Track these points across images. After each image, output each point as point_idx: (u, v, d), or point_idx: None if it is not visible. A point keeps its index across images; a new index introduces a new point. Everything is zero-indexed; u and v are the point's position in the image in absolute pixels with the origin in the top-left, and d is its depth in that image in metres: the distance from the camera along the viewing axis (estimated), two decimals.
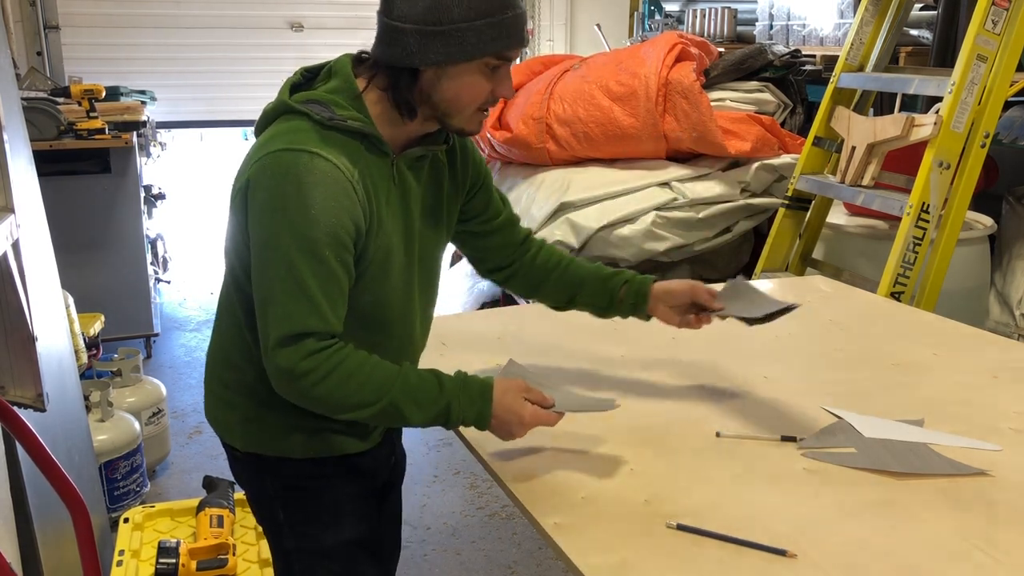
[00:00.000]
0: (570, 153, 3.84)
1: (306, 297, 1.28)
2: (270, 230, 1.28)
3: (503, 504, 3.02)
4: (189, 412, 3.76)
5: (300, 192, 1.26)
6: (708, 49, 3.94)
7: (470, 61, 1.31)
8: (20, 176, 1.93)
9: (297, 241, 1.27)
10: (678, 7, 5.96)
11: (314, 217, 1.26)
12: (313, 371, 1.29)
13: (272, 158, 1.29)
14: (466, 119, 1.37)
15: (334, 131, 1.32)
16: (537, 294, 1.69)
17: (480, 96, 1.35)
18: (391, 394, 1.32)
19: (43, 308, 2.03)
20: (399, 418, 1.34)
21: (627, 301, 1.63)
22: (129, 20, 5.58)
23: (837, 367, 1.82)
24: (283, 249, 1.27)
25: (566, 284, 1.65)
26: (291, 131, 1.32)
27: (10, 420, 1.68)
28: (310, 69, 1.43)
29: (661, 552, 1.18)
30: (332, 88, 1.36)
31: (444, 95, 1.33)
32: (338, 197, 1.28)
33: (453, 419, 1.36)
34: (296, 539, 1.53)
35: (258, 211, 1.29)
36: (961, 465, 1.39)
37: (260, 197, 1.29)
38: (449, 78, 1.32)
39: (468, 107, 1.35)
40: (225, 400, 1.50)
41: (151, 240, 4.51)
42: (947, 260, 2.77)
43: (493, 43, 1.30)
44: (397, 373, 1.34)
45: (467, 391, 1.36)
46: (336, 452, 1.49)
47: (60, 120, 3.83)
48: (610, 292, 1.63)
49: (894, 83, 3.12)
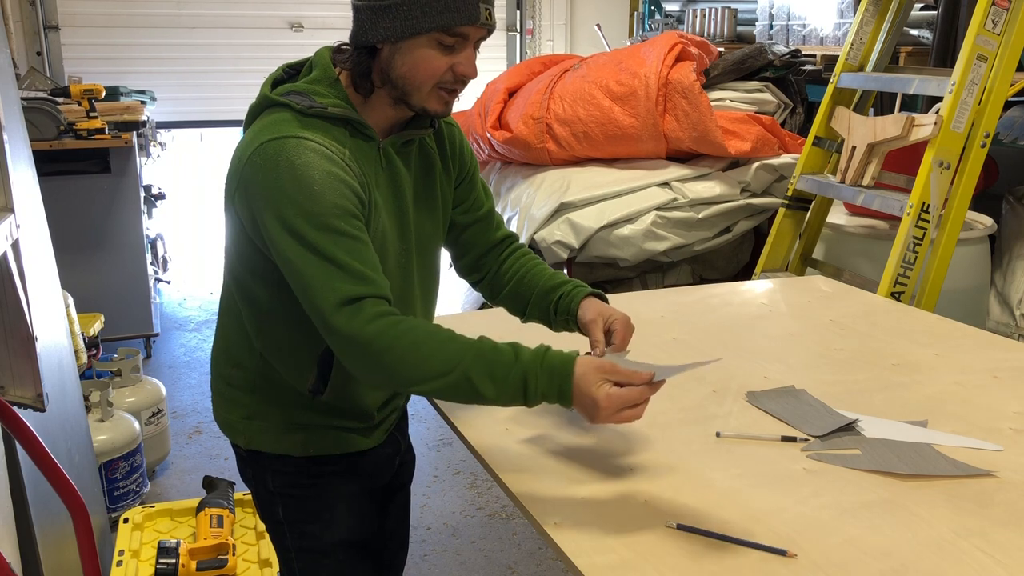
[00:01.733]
0: (570, 153, 3.84)
1: (342, 269, 1.24)
2: (279, 221, 1.26)
3: (503, 504, 3.02)
4: (189, 412, 3.76)
5: (295, 174, 1.26)
6: (708, 49, 3.94)
7: (417, 36, 1.29)
8: (20, 176, 1.93)
9: (308, 221, 1.24)
10: (678, 7, 5.96)
11: (317, 193, 1.25)
12: (383, 334, 1.23)
13: (260, 151, 1.28)
14: (425, 96, 1.34)
15: (316, 119, 1.33)
16: (496, 302, 1.63)
17: (434, 72, 1.32)
18: (464, 363, 1.24)
19: (43, 308, 2.03)
20: (472, 392, 1.25)
21: (560, 317, 1.52)
22: (129, 20, 5.58)
23: (837, 367, 1.82)
24: (299, 234, 1.25)
25: (519, 296, 1.58)
26: (274, 123, 1.32)
27: (10, 420, 1.68)
28: (292, 65, 1.44)
29: (661, 552, 1.17)
30: (312, 78, 1.37)
31: (399, 71, 1.33)
32: (334, 171, 1.28)
33: (531, 394, 1.25)
34: (296, 538, 1.53)
35: (262, 207, 1.27)
36: (965, 466, 1.39)
37: (260, 193, 1.28)
38: (401, 54, 1.31)
39: (424, 84, 1.33)
40: (228, 398, 1.51)
41: (151, 240, 4.51)
42: (947, 260, 2.77)
43: (439, 16, 1.28)
44: (472, 343, 1.27)
45: (546, 364, 1.25)
46: (337, 451, 1.49)
47: (60, 120, 3.83)
48: (547, 306, 1.54)
49: (894, 83, 3.12)
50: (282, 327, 1.41)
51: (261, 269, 1.37)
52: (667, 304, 2.21)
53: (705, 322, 2.10)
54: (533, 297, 1.56)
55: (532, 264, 1.60)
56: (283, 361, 1.43)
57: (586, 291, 1.52)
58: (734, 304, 2.26)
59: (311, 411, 1.45)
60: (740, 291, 2.41)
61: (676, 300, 2.27)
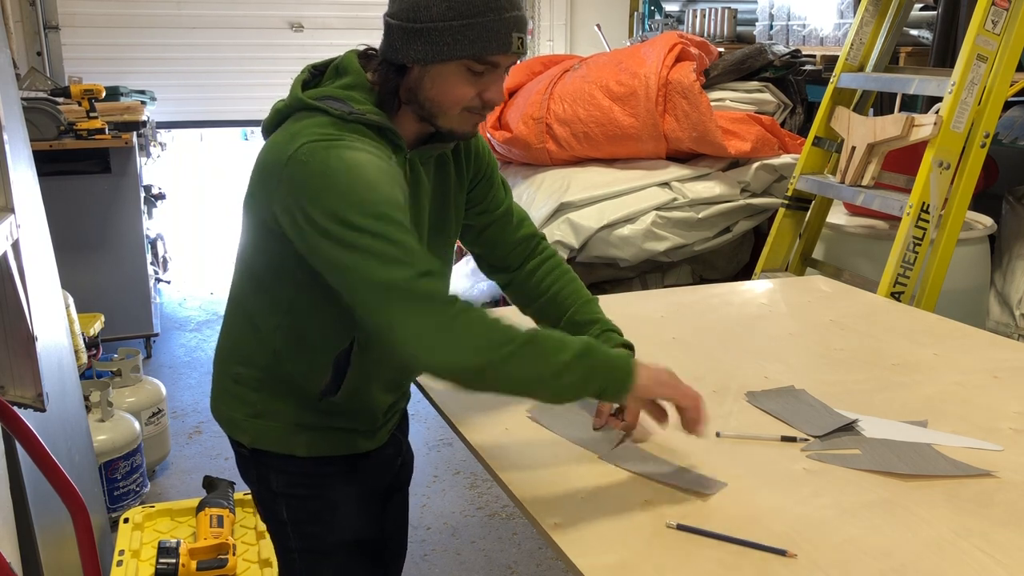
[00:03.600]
0: (570, 153, 3.84)
1: (408, 250, 1.22)
2: (332, 218, 1.21)
3: (503, 504, 3.02)
4: (189, 412, 3.76)
5: (346, 169, 1.23)
6: (708, 49, 3.94)
7: (447, 62, 1.30)
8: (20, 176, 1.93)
9: (360, 212, 1.21)
10: (678, 7, 5.96)
11: (371, 184, 1.23)
12: (457, 301, 1.23)
13: (306, 150, 1.25)
14: (452, 120, 1.35)
15: (354, 125, 1.32)
16: (527, 312, 1.63)
17: (461, 99, 1.32)
18: (529, 333, 1.25)
19: (43, 308, 2.03)
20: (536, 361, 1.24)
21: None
22: (129, 20, 5.58)
23: (837, 367, 1.82)
24: (352, 226, 1.21)
25: (549, 315, 1.59)
26: (313, 126, 1.30)
27: (10, 420, 1.68)
28: (317, 66, 1.43)
29: (661, 552, 1.17)
30: (346, 84, 1.36)
31: (427, 94, 1.33)
32: (384, 168, 1.27)
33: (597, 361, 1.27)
34: (299, 538, 1.53)
35: (309, 204, 1.23)
36: (966, 466, 1.39)
37: (306, 192, 1.23)
38: (431, 77, 1.32)
39: (451, 108, 1.33)
40: (233, 395, 1.50)
41: (151, 240, 4.51)
42: (947, 260, 2.77)
43: (471, 45, 1.28)
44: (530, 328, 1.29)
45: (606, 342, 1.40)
46: (341, 451, 1.49)
47: (60, 120, 3.83)
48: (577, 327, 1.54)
49: (894, 83, 3.12)
50: (304, 328, 1.40)
51: (290, 268, 1.35)
52: (667, 304, 2.22)
53: (705, 322, 2.10)
54: (565, 320, 1.56)
55: (566, 281, 1.59)
56: (299, 361, 1.42)
57: (615, 342, 1.52)
58: (734, 304, 2.26)
59: (317, 412, 1.45)
60: (740, 291, 2.41)
61: (676, 300, 2.27)
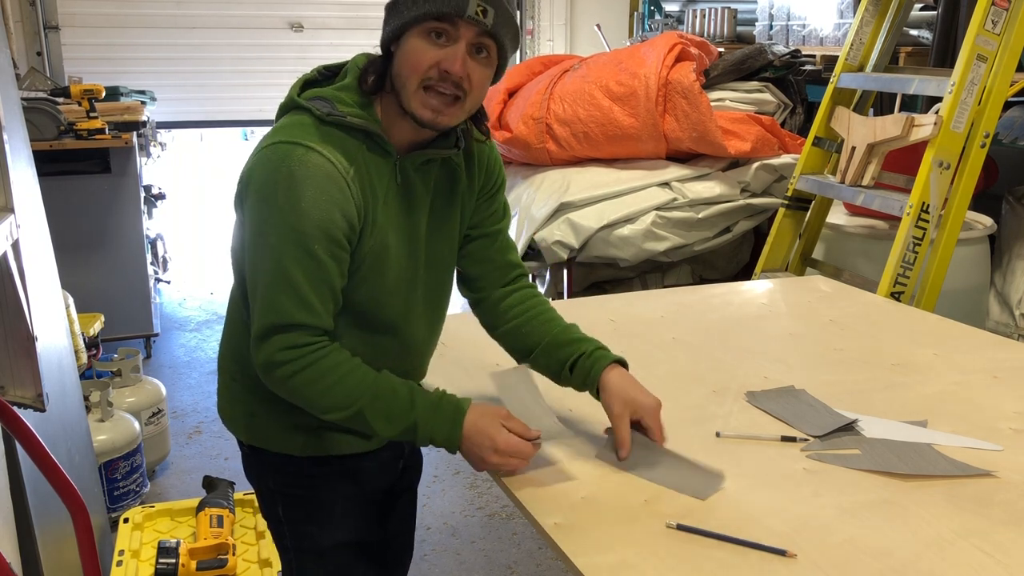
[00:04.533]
0: (570, 153, 3.84)
1: (292, 289, 1.28)
2: (260, 221, 1.29)
3: (503, 504, 3.02)
4: (189, 412, 3.76)
5: (291, 184, 1.27)
6: (708, 49, 3.94)
7: (410, 30, 1.30)
8: (20, 176, 1.93)
9: (286, 233, 1.27)
10: (678, 7, 5.96)
11: (304, 210, 1.27)
12: (289, 363, 1.29)
13: (269, 150, 1.30)
14: (410, 96, 1.31)
15: (333, 127, 1.32)
16: (494, 334, 1.58)
17: (418, 64, 1.29)
18: (360, 402, 1.32)
19: (43, 308, 2.03)
20: (368, 427, 1.34)
21: (575, 379, 1.47)
22: (129, 20, 5.58)
23: (837, 367, 1.82)
24: (271, 240, 1.28)
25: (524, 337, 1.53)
26: (291, 125, 1.33)
27: (10, 420, 1.68)
28: (329, 67, 1.43)
29: (661, 552, 1.18)
30: (341, 85, 1.36)
31: (395, 69, 1.33)
32: (329, 191, 1.28)
33: (420, 437, 1.35)
34: (295, 538, 1.53)
35: (251, 202, 1.30)
36: (966, 466, 1.39)
37: (254, 189, 1.30)
38: (400, 49, 1.32)
39: (410, 79, 1.30)
40: (233, 393, 1.51)
41: (151, 240, 4.51)
42: (947, 260, 2.77)
43: (425, 4, 1.28)
44: (372, 382, 1.33)
45: (439, 412, 1.34)
46: (337, 452, 1.49)
47: (60, 120, 3.83)
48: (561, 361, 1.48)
49: (894, 83, 3.12)
50: None
51: None
52: (667, 304, 2.22)
53: (705, 322, 2.10)
54: (543, 345, 1.50)
55: (544, 309, 1.55)
56: None
57: (610, 359, 1.46)
58: (734, 304, 2.26)
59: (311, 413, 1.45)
60: (740, 291, 2.41)
61: (676, 300, 2.27)
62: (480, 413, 1.35)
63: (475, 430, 1.33)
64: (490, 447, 1.33)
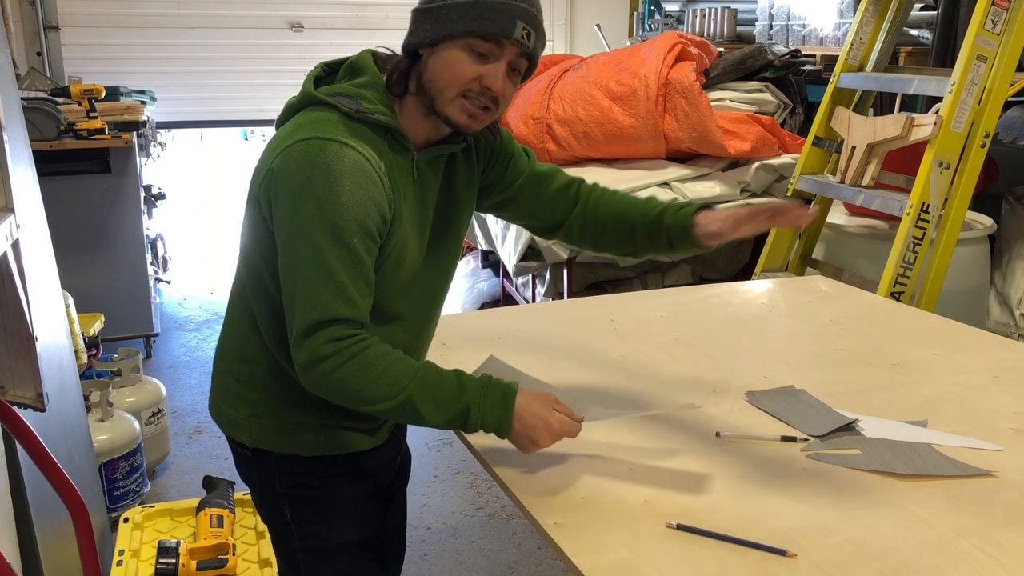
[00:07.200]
0: (570, 153, 3.84)
1: (334, 283, 1.27)
2: (297, 217, 1.28)
3: (503, 504, 3.02)
4: (189, 412, 3.76)
5: (329, 179, 1.27)
6: (708, 49, 3.94)
7: (451, 39, 1.31)
8: (20, 176, 1.93)
9: (325, 227, 1.26)
10: (678, 7, 5.96)
11: (343, 204, 1.27)
12: (333, 356, 1.27)
13: (300, 146, 1.29)
14: (448, 102, 1.34)
15: (361, 124, 1.33)
16: (600, 250, 1.64)
17: (460, 77, 1.32)
18: (408, 389, 1.29)
19: (43, 308, 2.03)
20: (416, 416, 1.31)
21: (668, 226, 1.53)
22: (129, 20, 5.58)
23: (837, 367, 1.82)
24: (310, 236, 1.27)
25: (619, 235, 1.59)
26: (318, 121, 1.32)
27: (10, 420, 1.68)
28: (330, 64, 1.44)
29: (661, 552, 1.18)
30: (362, 83, 1.37)
31: (430, 75, 1.34)
32: (366, 186, 1.29)
33: (472, 423, 1.32)
34: (303, 539, 1.52)
35: (285, 199, 1.29)
36: (966, 466, 1.39)
37: (287, 185, 1.28)
38: (436, 57, 1.33)
39: (448, 87, 1.33)
40: (235, 395, 1.49)
41: (151, 240, 4.52)
42: (947, 260, 2.77)
43: (473, 21, 1.30)
44: (417, 369, 1.32)
45: (489, 395, 1.33)
46: (344, 450, 1.49)
47: (60, 120, 3.83)
48: (655, 219, 1.54)
49: (894, 83, 3.12)
50: None
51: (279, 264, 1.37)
52: (667, 304, 2.22)
53: (705, 322, 2.10)
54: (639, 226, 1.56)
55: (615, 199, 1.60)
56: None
57: (692, 209, 1.52)
58: (734, 304, 2.26)
59: (319, 411, 1.44)
60: (740, 291, 2.41)
61: (676, 300, 2.27)
62: (531, 396, 1.34)
63: (528, 413, 1.33)
64: (544, 428, 1.33)
